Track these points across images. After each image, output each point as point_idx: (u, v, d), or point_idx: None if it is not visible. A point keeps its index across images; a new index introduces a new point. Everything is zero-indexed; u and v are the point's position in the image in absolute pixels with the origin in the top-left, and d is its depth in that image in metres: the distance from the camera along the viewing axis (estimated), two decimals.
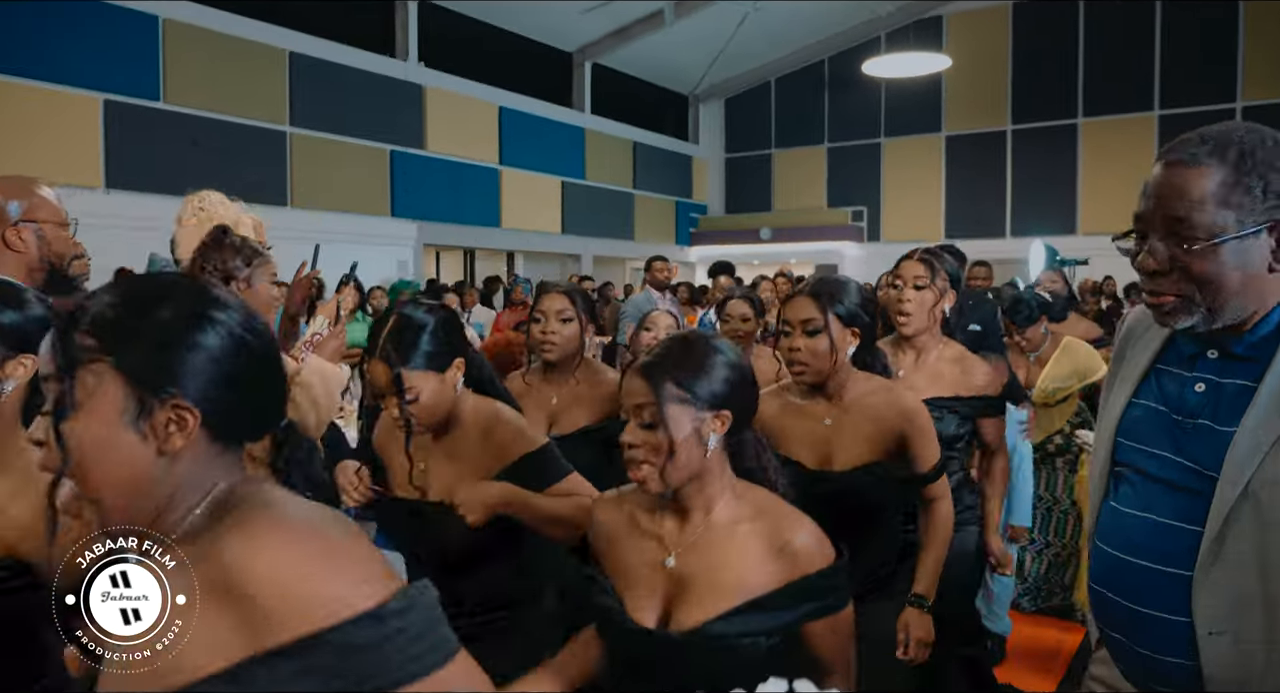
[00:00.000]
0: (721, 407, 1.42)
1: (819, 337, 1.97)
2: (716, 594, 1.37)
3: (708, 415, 1.41)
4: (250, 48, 9.31)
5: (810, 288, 2.05)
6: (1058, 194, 14.38)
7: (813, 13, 14.49)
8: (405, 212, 11.07)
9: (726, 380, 1.43)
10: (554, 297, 2.44)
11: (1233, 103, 13.21)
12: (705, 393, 1.41)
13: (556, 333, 2.41)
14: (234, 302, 0.97)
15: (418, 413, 1.77)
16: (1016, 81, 14.69)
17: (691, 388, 1.40)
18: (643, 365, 1.43)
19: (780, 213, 16.94)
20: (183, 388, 0.90)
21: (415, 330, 1.79)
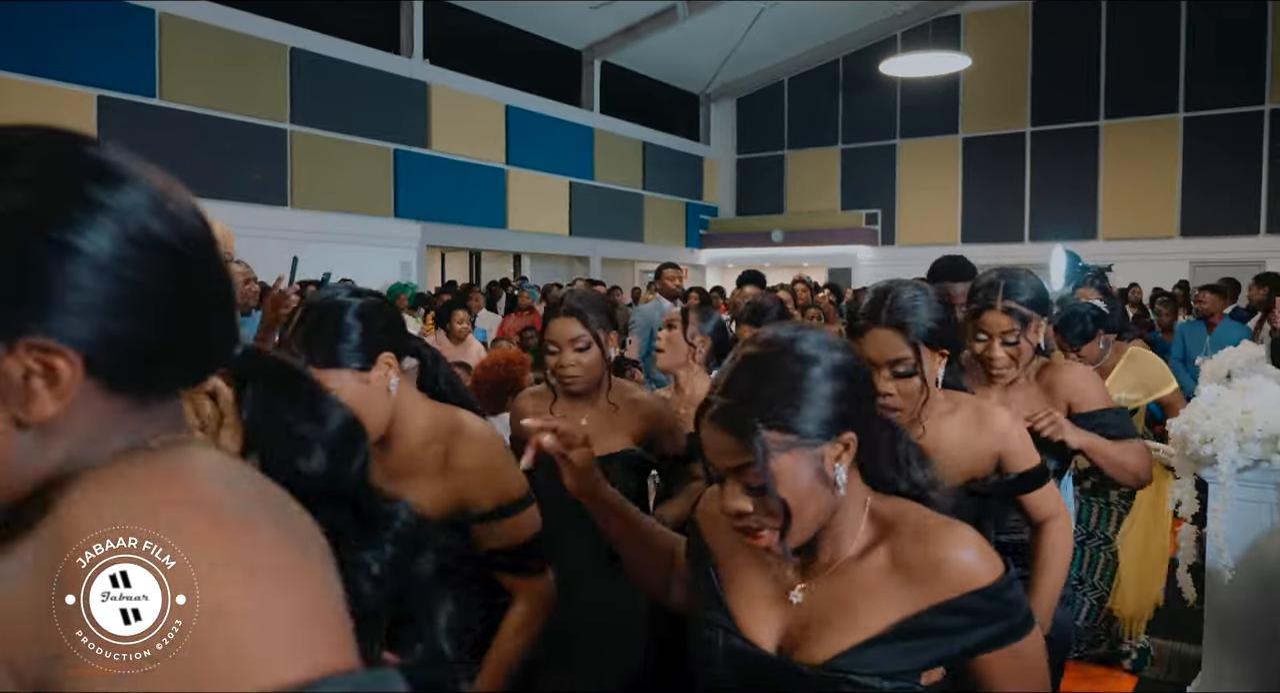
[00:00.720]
0: (840, 430, 1.09)
1: (911, 378, 1.65)
2: (849, 627, 1.12)
3: (825, 448, 1.08)
4: (250, 43, 9.03)
5: (888, 315, 1.64)
6: (1078, 198, 14.02)
7: (827, 11, 14.16)
8: (409, 212, 10.78)
9: (835, 395, 1.09)
10: (564, 322, 2.07)
11: (1260, 105, 12.86)
12: (813, 423, 1.07)
13: (575, 365, 2.07)
14: (129, 167, 0.62)
15: None
16: (1036, 82, 14.34)
17: (793, 423, 1.06)
18: (721, 412, 1.08)
19: (792, 215, 16.62)
20: (45, 324, 0.56)
21: (322, 320, 1.46)
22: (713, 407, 1.09)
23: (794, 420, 1.06)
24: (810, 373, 1.08)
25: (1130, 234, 13.59)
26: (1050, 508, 1.81)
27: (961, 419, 1.74)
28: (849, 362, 1.12)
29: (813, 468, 1.07)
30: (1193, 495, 2.95)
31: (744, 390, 1.08)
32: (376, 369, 1.47)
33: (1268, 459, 2.70)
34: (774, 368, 1.09)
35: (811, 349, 1.10)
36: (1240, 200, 12.94)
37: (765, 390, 1.07)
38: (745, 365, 1.11)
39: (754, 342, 1.13)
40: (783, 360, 1.09)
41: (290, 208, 9.49)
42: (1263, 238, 12.85)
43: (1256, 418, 2.67)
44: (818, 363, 1.09)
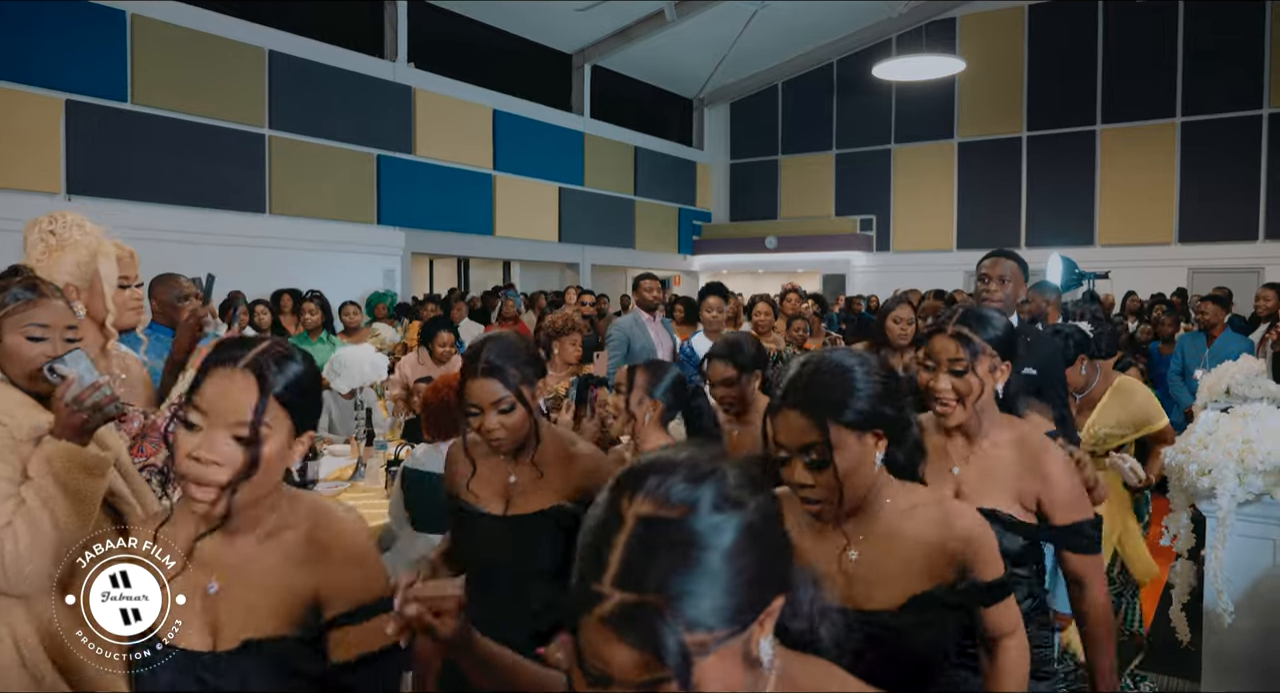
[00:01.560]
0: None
1: (825, 469, 1.40)
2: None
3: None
4: (226, 46, 8.83)
5: (796, 395, 1.40)
6: (1075, 204, 13.82)
7: (821, 14, 13.98)
8: (392, 219, 10.57)
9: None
10: (484, 384, 1.85)
11: (1259, 110, 12.66)
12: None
13: (500, 427, 1.88)
14: None
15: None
16: (1032, 86, 14.15)
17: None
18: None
19: (786, 221, 16.42)
20: None
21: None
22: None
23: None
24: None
25: (1128, 240, 13.38)
26: (1011, 623, 1.56)
27: (923, 519, 1.48)
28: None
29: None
30: (1189, 529, 2.74)
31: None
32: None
33: (1270, 493, 2.49)
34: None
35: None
36: (1239, 206, 12.74)
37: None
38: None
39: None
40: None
41: (268, 215, 9.28)
42: (1261, 244, 12.65)
43: (1258, 448, 2.46)
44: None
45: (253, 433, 1.14)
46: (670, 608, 0.77)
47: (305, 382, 1.24)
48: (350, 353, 4.08)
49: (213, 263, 8.33)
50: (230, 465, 1.14)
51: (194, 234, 8.38)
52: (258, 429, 1.15)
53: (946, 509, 1.51)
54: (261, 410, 1.16)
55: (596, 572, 0.80)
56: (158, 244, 8.07)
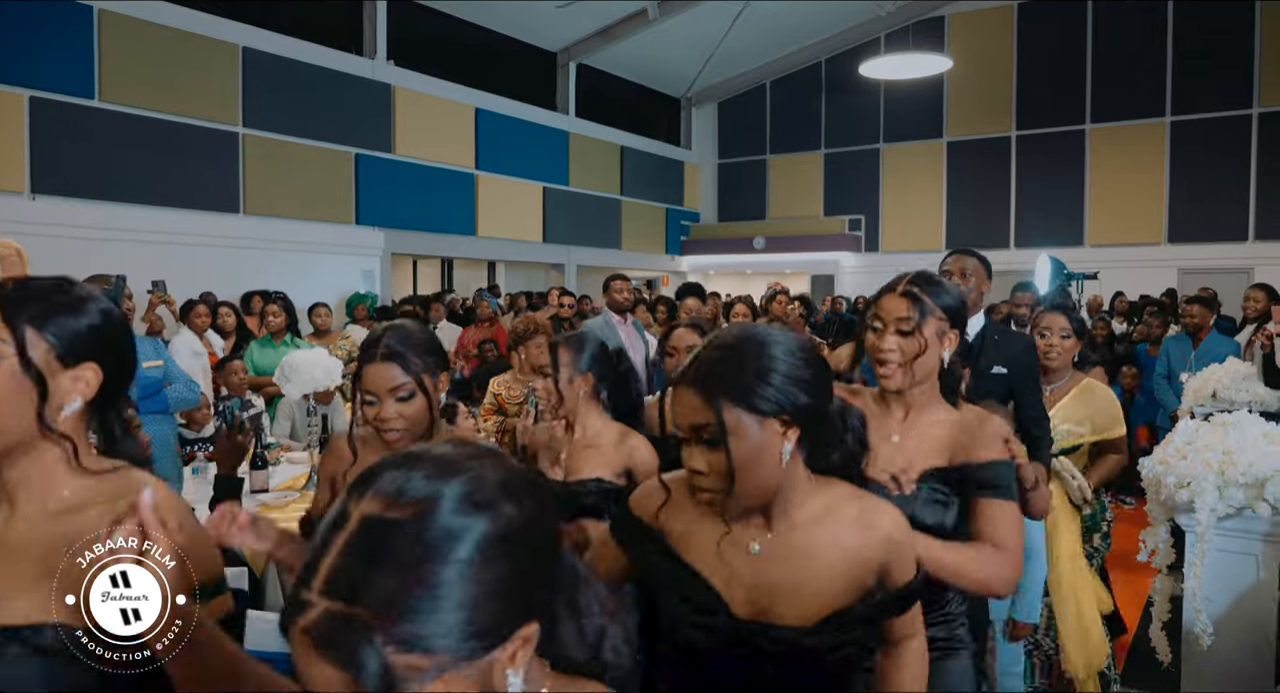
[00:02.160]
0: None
1: (717, 449, 1.27)
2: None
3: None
4: (198, 42, 8.65)
5: (694, 371, 1.28)
6: (1064, 204, 13.71)
7: (809, 13, 13.86)
8: (371, 219, 10.40)
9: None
10: (381, 368, 1.73)
11: (1248, 109, 12.56)
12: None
13: (397, 417, 1.74)
14: None
15: None
16: (1021, 85, 14.03)
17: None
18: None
19: (775, 221, 16.29)
20: None
21: None
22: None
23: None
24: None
25: (1117, 240, 13.28)
26: (914, 625, 1.44)
27: (839, 522, 1.34)
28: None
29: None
30: (1168, 544, 2.60)
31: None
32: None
33: (1252, 507, 2.34)
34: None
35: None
36: (1228, 206, 12.64)
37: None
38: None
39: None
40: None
41: (242, 215, 9.10)
42: (1251, 244, 12.54)
43: (1239, 459, 2.32)
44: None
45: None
46: (380, 623, 0.66)
47: (57, 298, 1.11)
48: (301, 358, 3.92)
49: (185, 264, 8.24)
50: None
51: (165, 235, 8.20)
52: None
53: (864, 507, 1.37)
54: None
55: (308, 577, 0.69)
56: (125, 245, 7.92)
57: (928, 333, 1.72)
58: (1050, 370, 2.89)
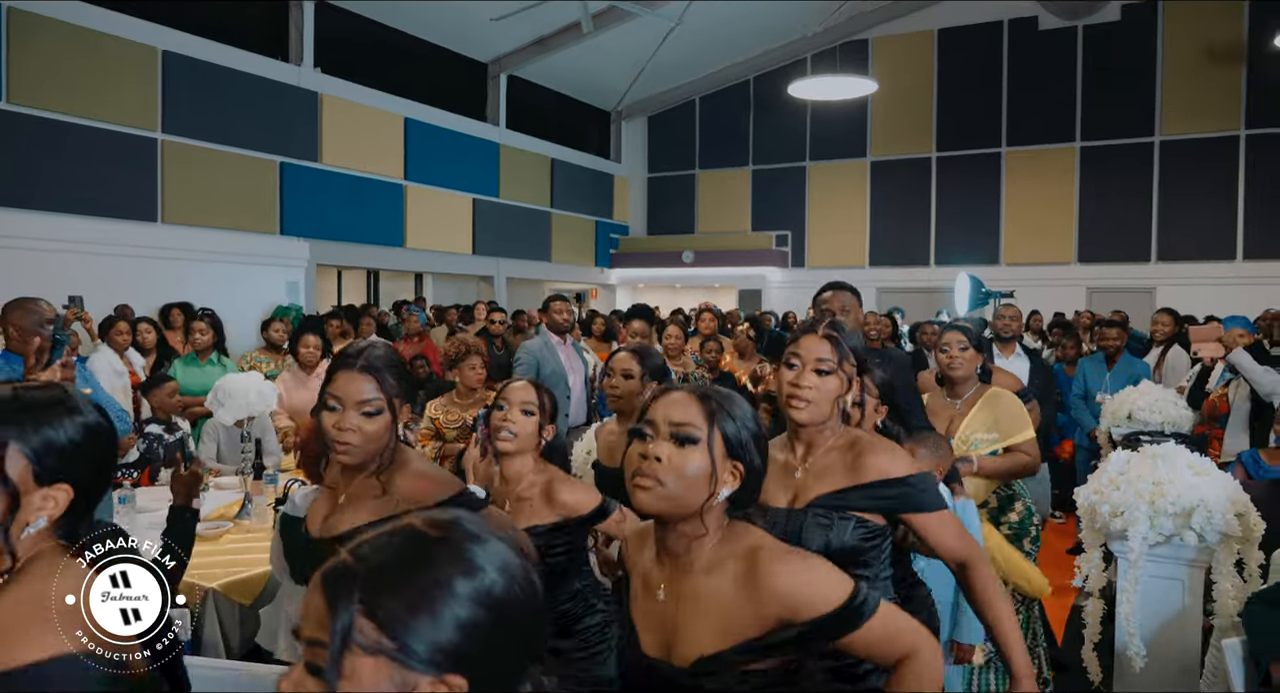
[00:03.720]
0: (453, 669, 0.82)
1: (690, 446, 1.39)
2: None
3: (424, 680, 0.81)
4: (114, 44, 8.31)
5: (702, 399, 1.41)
6: (981, 223, 14.23)
7: (738, 31, 14.08)
8: (296, 229, 10.13)
9: (756, 439, 1.32)
10: (353, 377, 1.71)
11: (1151, 137, 13.25)
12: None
13: (357, 430, 1.72)
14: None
15: None
16: (942, 108, 14.52)
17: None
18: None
19: (703, 236, 16.46)
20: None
21: None
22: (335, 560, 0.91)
23: (398, 627, 0.83)
24: (445, 586, 0.86)
25: (1031, 259, 13.82)
26: (902, 646, 1.40)
27: (730, 575, 1.38)
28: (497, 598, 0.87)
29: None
30: (1099, 569, 2.71)
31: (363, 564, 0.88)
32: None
33: (1180, 535, 2.47)
34: (413, 560, 0.86)
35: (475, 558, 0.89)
36: (1133, 228, 13.30)
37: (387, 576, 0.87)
38: (386, 543, 0.89)
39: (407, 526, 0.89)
40: (425, 560, 0.86)
41: (160, 224, 8.76)
42: (1154, 265, 13.21)
43: (1169, 490, 2.44)
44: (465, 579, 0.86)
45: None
46: (366, 588, 0.80)
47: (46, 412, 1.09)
48: (235, 381, 3.79)
49: (100, 275, 7.89)
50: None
51: (78, 244, 7.85)
52: None
53: (760, 560, 1.37)
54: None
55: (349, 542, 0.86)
56: (36, 254, 7.56)
57: (842, 374, 1.84)
58: (955, 382, 3.03)
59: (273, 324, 6.16)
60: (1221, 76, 12.66)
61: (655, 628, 1.42)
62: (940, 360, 3.04)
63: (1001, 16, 13.91)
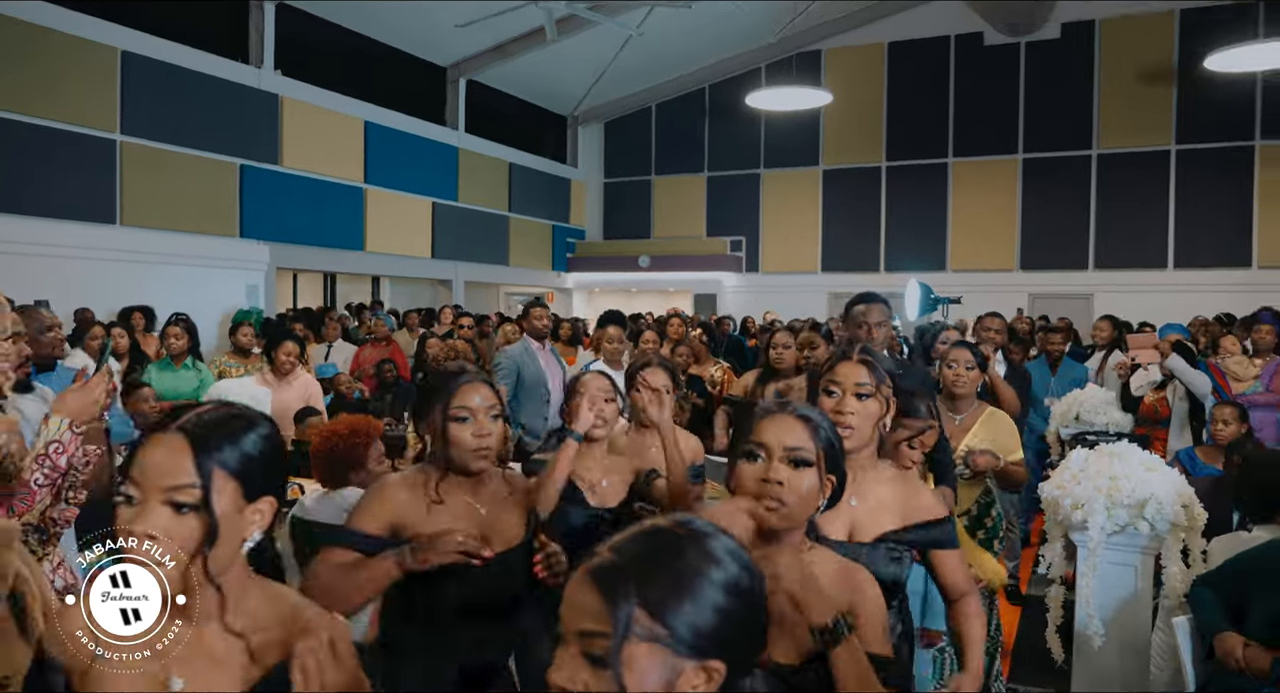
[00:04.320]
0: (715, 654, 0.94)
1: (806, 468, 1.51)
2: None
3: (688, 665, 0.93)
4: (73, 44, 8.21)
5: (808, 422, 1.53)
6: (929, 231, 14.69)
7: (695, 40, 14.33)
8: (256, 232, 10.08)
9: (722, 611, 0.96)
10: (477, 387, 1.91)
11: (1088, 150, 13.84)
12: (689, 630, 0.94)
13: (491, 435, 1.89)
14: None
15: None
16: (891, 118, 14.96)
17: (668, 618, 0.93)
18: (596, 566, 0.96)
19: (659, 240, 16.68)
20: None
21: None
22: (595, 559, 0.97)
23: (667, 613, 0.93)
24: (706, 574, 0.96)
25: (976, 266, 14.32)
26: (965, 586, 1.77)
27: (828, 575, 1.51)
28: (753, 588, 1.00)
29: (664, 676, 0.93)
30: (1062, 558, 2.96)
31: (633, 559, 0.96)
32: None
33: (1134, 524, 2.73)
34: (671, 552, 0.97)
35: (722, 550, 1.00)
36: (1072, 237, 13.87)
37: (652, 567, 0.95)
38: (645, 538, 0.99)
39: (669, 524, 1.02)
40: (687, 549, 0.98)
41: (120, 226, 8.67)
42: (1092, 273, 13.80)
43: (1124, 485, 2.69)
44: (720, 567, 0.98)
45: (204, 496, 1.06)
46: (638, 581, 0.90)
47: (249, 437, 1.13)
48: (229, 387, 3.86)
49: (58, 278, 7.80)
50: (174, 538, 1.04)
51: (35, 246, 7.74)
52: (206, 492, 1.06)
53: (843, 567, 1.55)
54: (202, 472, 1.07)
55: (606, 543, 0.97)
56: None
57: (881, 397, 1.93)
58: (958, 398, 3.17)
59: (240, 328, 6.17)
60: (1154, 95, 13.29)
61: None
62: (946, 376, 3.20)
63: (949, 32, 14.40)
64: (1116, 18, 13.45)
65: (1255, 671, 2.32)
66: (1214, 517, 2.93)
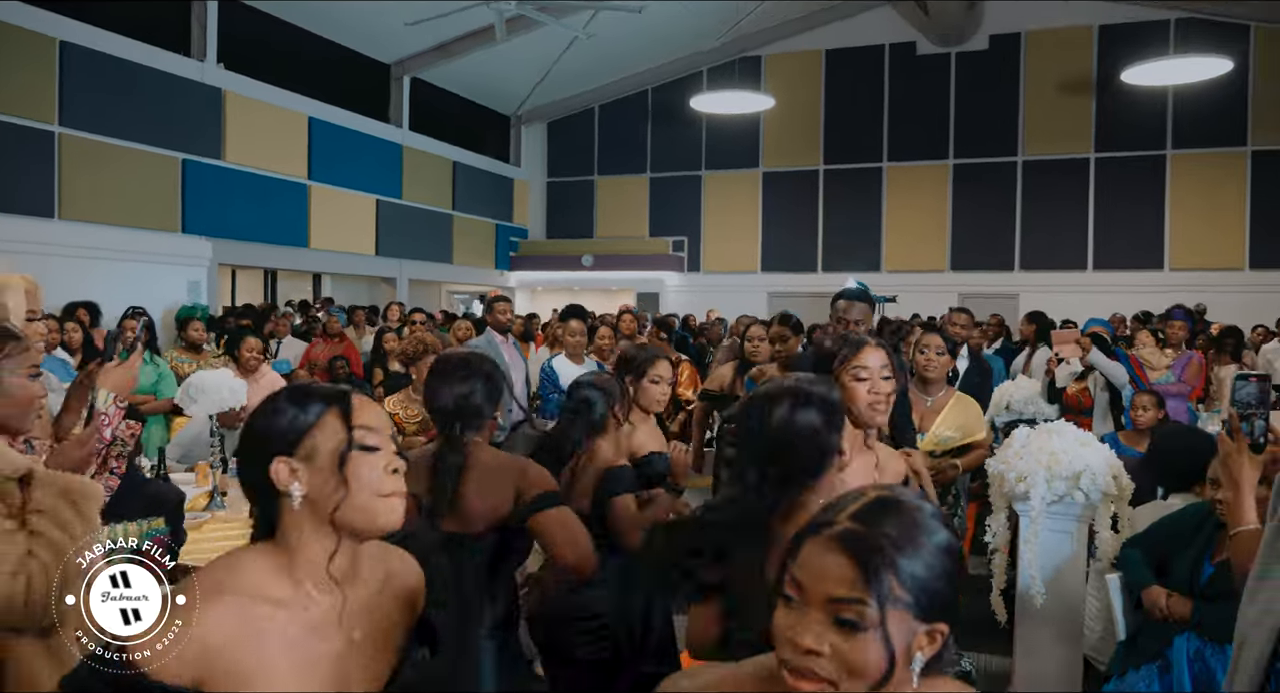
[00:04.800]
0: (937, 617, 0.99)
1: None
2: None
3: (921, 629, 0.98)
4: (9, 33, 8.01)
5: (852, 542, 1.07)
6: (865, 232, 15.17)
7: (639, 43, 14.54)
8: (198, 228, 9.94)
9: (946, 575, 1.00)
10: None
11: (1014, 157, 14.48)
12: (924, 595, 0.97)
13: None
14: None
15: None
16: (829, 123, 15.41)
17: (910, 585, 0.97)
18: (846, 534, 0.98)
19: (602, 240, 16.86)
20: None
21: None
22: (840, 525, 0.99)
23: (912, 580, 0.97)
24: (933, 539, 1.01)
25: (909, 267, 14.85)
26: None
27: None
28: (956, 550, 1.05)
29: (906, 640, 0.96)
30: (1005, 527, 3.24)
31: (882, 525, 0.99)
32: None
33: (1071, 495, 3.01)
34: (908, 520, 1.01)
35: (932, 516, 1.03)
36: (999, 240, 14.50)
37: (901, 536, 0.99)
38: (886, 506, 1.02)
39: (897, 493, 1.06)
40: (916, 515, 1.02)
41: (58, 220, 8.48)
42: (1017, 274, 14.44)
43: (1062, 458, 2.98)
44: (939, 532, 1.02)
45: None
46: (893, 551, 0.95)
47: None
48: (208, 377, 3.92)
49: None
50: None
51: None
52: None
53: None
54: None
55: (836, 510, 1.01)
56: None
57: (898, 379, 2.10)
58: (929, 382, 3.45)
59: (191, 324, 6.16)
60: (1075, 105, 13.98)
61: None
62: (918, 361, 3.47)
63: (884, 40, 14.91)
64: (1041, 30, 14.11)
65: (1178, 616, 2.62)
66: (1138, 493, 3.25)
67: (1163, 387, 5.38)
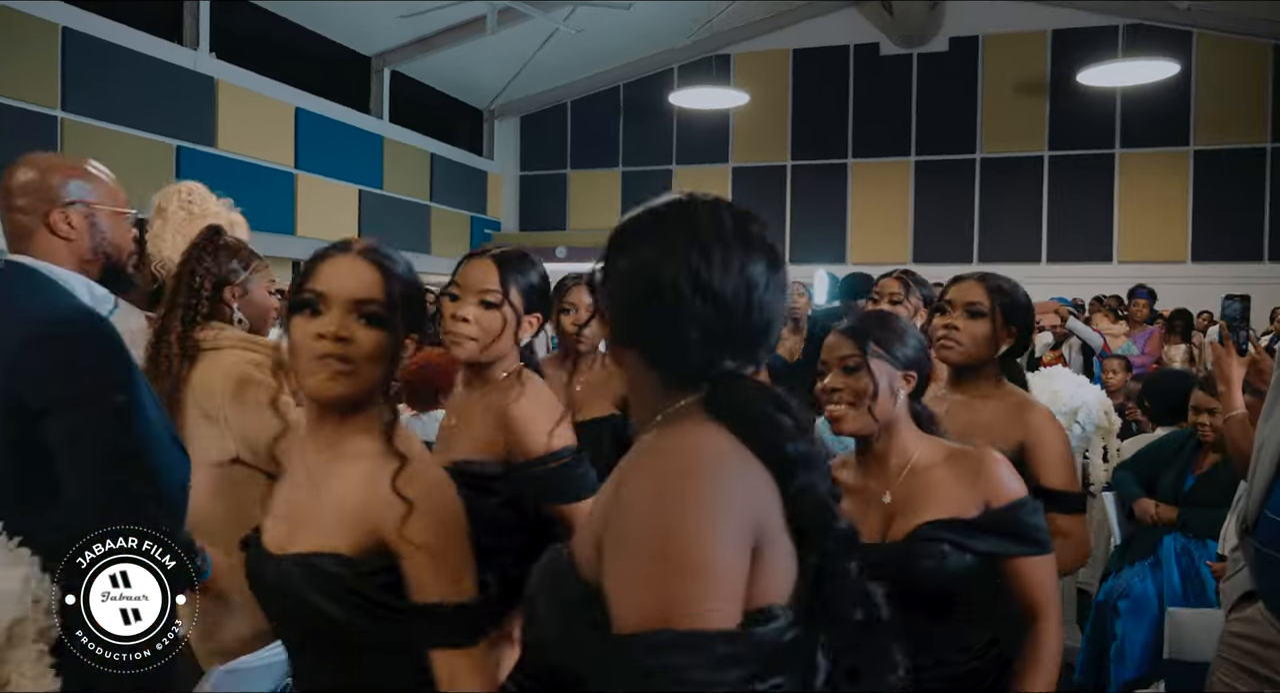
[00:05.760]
0: (910, 368, 1.79)
1: (858, 374, 1.75)
2: (927, 511, 1.66)
3: (899, 373, 1.77)
4: (13, 18, 8.13)
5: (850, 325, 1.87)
6: (831, 226, 15.77)
7: (611, 40, 14.91)
8: None
9: (916, 348, 1.82)
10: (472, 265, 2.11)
11: (973, 154, 15.20)
12: (900, 355, 1.77)
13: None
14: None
15: None
16: (796, 120, 15.97)
17: (889, 349, 1.76)
18: (847, 327, 1.81)
19: (575, 232, 17.19)
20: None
21: None
22: (844, 324, 1.86)
23: (889, 346, 1.79)
24: (908, 330, 1.88)
25: (873, 259, 15.42)
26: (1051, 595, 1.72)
27: (954, 467, 1.78)
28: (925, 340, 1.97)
29: (888, 379, 1.76)
30: None
31: (867, 322, 1.89)
32: None
33: (1070, 428, 3.51)
34: (888, 320, 1.92)
35: (909, 323, 1.98)
36: (958, 233, 15.20)
37: (879, 326, 1.85)
38: (872, 315, 2.05)
39: (882, 311, 1.84)
40: (895, 320, 1.93)
41: None
42: (976, 266, 15.11)
43: (1063, 395, 3.47)
44: (912, 329, 1.91)
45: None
46: (871, 332, 1.80)
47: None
48: None
49: None
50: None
51: None
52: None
53: (964, 456, 1.74)
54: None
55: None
56: None
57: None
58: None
59: None
60: (1030, 105, 14.74)
61: (870, 526, 1.64)
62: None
63: (849, 41, 15.52)
64: (998, 34, 14.84)
65: (1165, 521, 3.13)
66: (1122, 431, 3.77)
67: (1129, 358, 5.99)
